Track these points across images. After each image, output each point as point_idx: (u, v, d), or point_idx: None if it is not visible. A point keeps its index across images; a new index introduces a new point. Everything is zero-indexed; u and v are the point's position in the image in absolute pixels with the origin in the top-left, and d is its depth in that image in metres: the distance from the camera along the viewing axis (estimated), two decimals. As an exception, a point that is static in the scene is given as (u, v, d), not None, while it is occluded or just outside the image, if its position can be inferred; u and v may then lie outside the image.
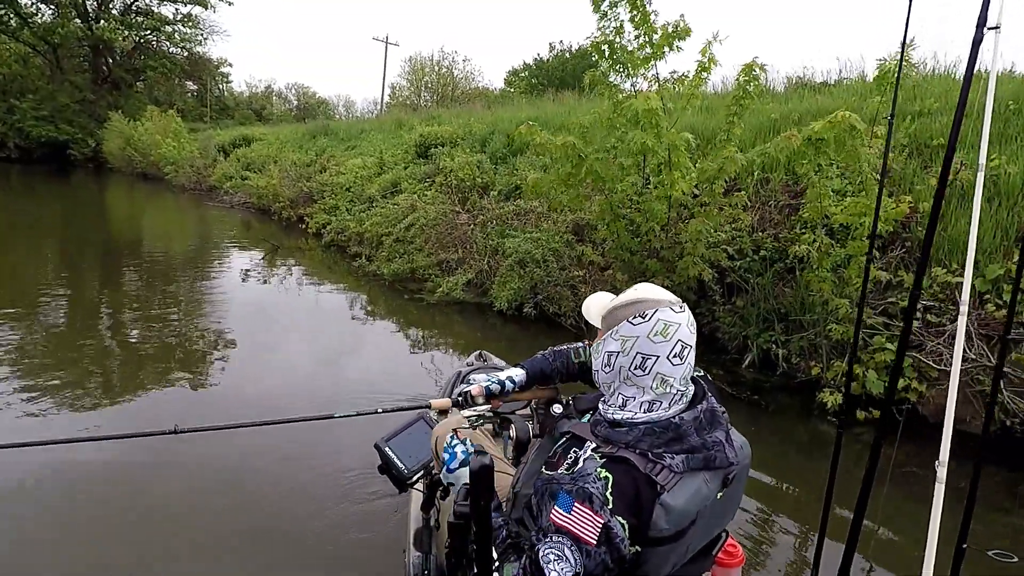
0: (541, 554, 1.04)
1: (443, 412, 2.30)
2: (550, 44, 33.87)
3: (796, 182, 5.68)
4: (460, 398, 1.50)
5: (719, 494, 1.19)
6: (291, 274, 8.38)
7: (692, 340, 1.18)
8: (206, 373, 4.50)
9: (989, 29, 1.30)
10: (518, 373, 1.55)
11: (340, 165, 12.22)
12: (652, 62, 4.47)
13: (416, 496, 1.93)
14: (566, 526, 1.05)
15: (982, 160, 1.43)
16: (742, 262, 5.00)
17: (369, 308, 6.82)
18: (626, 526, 1.06)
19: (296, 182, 12.23)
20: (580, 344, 1.64)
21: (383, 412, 1.56)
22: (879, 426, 1.65)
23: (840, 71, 9.43)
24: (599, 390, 1.29)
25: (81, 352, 4.78)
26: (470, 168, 8.43)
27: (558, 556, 1.03)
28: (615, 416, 1.20)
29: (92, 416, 3.71)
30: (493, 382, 1.51)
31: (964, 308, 1.41)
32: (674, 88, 4.65)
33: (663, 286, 4.35)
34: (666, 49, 4.33)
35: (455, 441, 1.37)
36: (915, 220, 4.40)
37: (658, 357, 1.15)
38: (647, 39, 4.37)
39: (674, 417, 1.16)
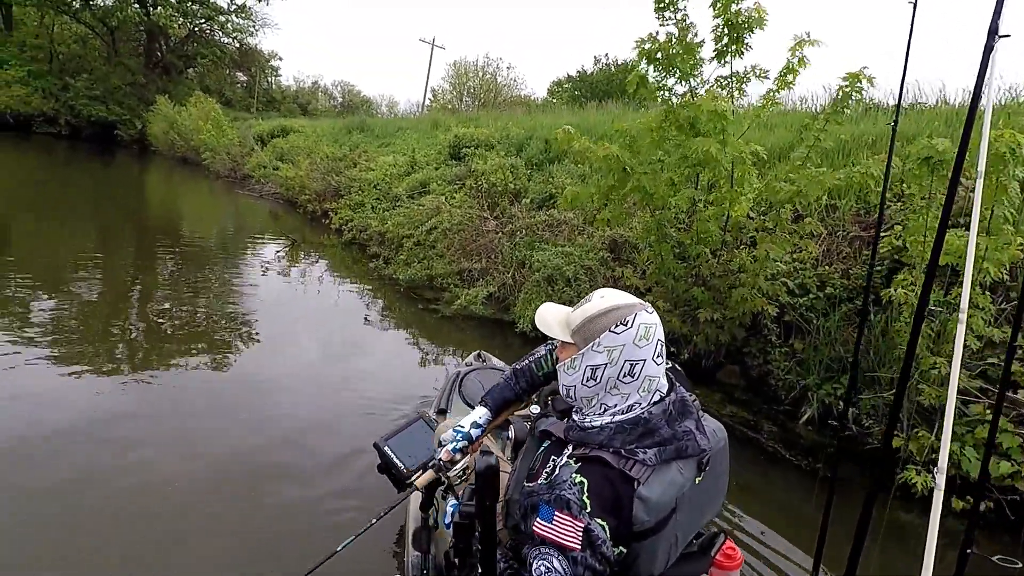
0: (533, 568, 1.06)
1: (441, 412, 2.46)
2: (595, 57, 33.34)
3: (867, 212, 4.99)
4: (438, 463, 1.50)
5: (697, 479, 1.21)
6: (309, 272, 8.01)
7: (663, 336, 1.21)
8: (219, 363, 4.45)
9: (1000, 37, 1.31)
10: (482, 414, 1.56)
11: (371, 161, 11.86)
12: (727, 56, 3.87)
13: (415, 496, 1.93)
14: (550, 536, 1.06)
15: (981, 168, 1.45)
16: (804, 299, 4.32)
17: (381, 315, 6.32)
18: (606, 527, 1.07)
19: (325, 175, 11.89)
20: (543, 350, 1.58)
21: (377, 522, 1.52)
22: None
23: (914, 95, 8.67)
24: (574, 405, 1.26)
25: (105, 329, 4.84)
26: (502, 172, 7.89)
27: (548, 568, 1.05)
28: (593, 423, 1.19)
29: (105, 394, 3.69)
30: (459, 439, 1.51)
31: (963, 316, 1.44)
32: (743, 90, 4.03)
33: (713, 319, 3.61)
34: (746, 36, 3.73)
35: (450, 497, 1.38)
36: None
37: (644, 361, 1.17)
38: (724, 29, 3.78)
39: (643, 413, 1.17)
